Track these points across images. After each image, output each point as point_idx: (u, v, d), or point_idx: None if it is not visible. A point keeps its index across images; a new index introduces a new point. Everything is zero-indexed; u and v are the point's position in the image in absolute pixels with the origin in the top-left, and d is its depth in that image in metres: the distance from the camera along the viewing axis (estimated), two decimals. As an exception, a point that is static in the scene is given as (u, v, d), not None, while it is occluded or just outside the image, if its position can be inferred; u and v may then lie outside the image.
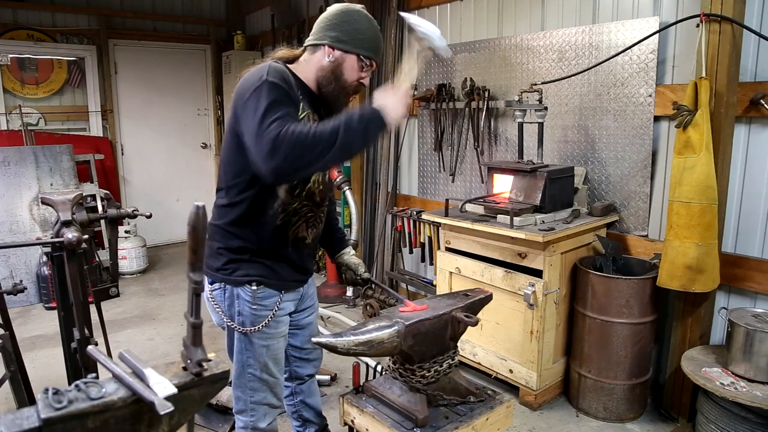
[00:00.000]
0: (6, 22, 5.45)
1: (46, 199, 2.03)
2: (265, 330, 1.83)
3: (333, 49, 1.73)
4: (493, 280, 2.98)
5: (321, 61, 1.75)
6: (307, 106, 1.75)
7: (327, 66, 1.75)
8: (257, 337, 1.83)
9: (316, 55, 1.77)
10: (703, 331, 2.71)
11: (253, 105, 1.55)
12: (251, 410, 1.91)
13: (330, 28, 1.74)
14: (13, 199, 4.75)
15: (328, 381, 3.25)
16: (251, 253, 1.79)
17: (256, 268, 1.80)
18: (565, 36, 3.24)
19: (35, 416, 0.83)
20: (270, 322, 1.83)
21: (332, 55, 1.74)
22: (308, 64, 1.78)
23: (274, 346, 1.88)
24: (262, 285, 1.81)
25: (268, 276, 1.82)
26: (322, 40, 1.75)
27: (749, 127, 2.62)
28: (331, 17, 1.76)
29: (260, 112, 1.52)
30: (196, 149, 6.83)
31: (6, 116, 5.52)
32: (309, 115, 1.75)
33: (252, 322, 1.81)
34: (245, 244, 1.79)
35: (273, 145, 1.46)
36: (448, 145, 4.05)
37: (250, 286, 1.79)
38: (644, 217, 3.02)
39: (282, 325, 1.90)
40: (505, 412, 1.91)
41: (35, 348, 3.82)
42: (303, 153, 1.48)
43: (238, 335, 1.84)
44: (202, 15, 6.72)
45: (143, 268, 5.63)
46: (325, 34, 1.75)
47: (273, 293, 1.84)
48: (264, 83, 1.57)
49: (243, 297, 1.80)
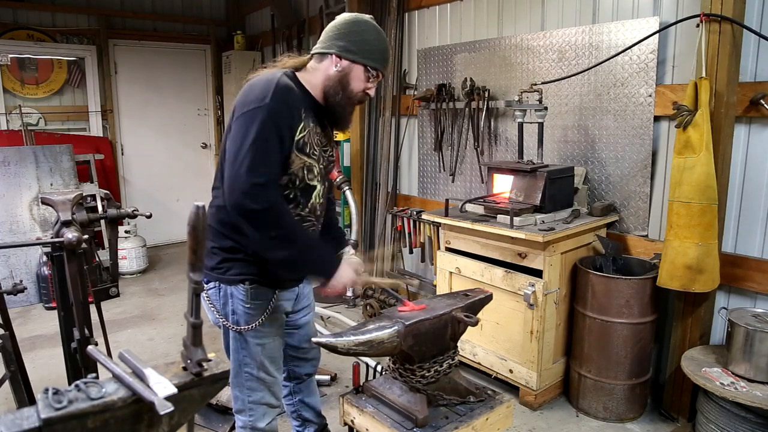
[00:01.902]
0: (6, 22, 5.46)
1: (46, 199, 2.03)
2: (260, 329, 1.83)
3: (341, 58, 1.74)
4: (493, 280, 2.98)
5: (328, 70, 1.76)
6: (311, 120, 1.76)
7: (334, 75, 1.75)
8: (252, 335, 1.83)
9: (323, 64, 1.77)
10: (703, 331, 2.71)
11: (245, 127, 1.61)
12: (250, 410, 1.91)
13: (338, 38, 1.74)
14: (13, 199, 4.75)
15: (328, 381, 3.25)
16: (244, 253, 1.80)
17: (249, 267, 1.80)
18: (565, 36, 3.24)
19: (35, 416, 0.83)
20: (264, 320, 1.83)
21: (339, 64, 1.74)
22: (315, 72, 1.78)
23: (270, 344, 1.88)
24: (256, 284, 1.81)
25: (262, 275, 1.82)
26: (329, 49, 1.75)
27: (749, 127, 2.61)
28: (340, 26, 1.76)
29: (248, 143, 1.59)
30: (196, 149, 6.84)
31: (6, 116, 5.52)
32: (310, 131, 1.75)
33: (246, 321, 1.82)
34: (237, 245, 1.79)
35: (242, 192, 1.57)
36: (448, 145, 4.05)
37: (243, 285, 1.80)
38: (644, 217, 3.02)
39: (277, 324, 1.90)
40: (505, 412, 1.91)
41: (35, 348, 3.82)
42: (260, 224, 1.61)
43: (234, 334, 1.85)
44: (202, 15, 6.73)
45: (143, 268, 5.63)
46: (334, 43, 1.75)
47: (267, 292, 1.84)
48: (263, 108, 1.60)
49: (237, 296, 1.80)
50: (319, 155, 1.81)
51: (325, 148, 1.87)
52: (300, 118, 1.70)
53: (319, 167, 1.82)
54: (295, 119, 1.67)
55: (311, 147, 1.76)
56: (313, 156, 1.78)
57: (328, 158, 1.90)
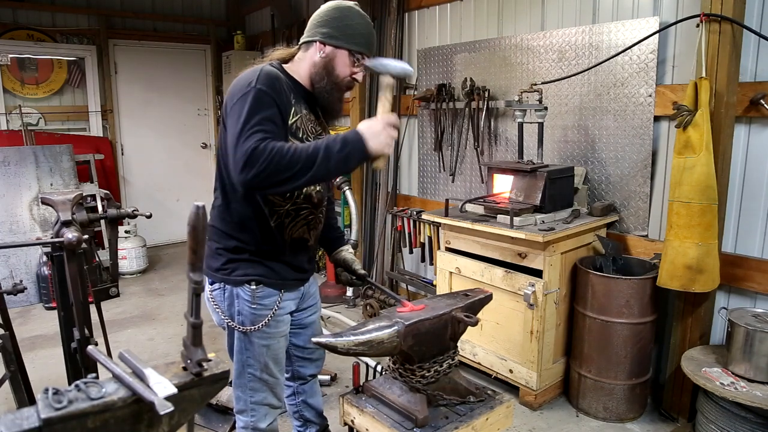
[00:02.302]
0: (6, 22, 5.45)
1: (46, 199, 2.03)
2: (265, 329, 1.83)
3: (324, 45, 1.75)
4: (493, 280, 2.98)
5: (313, 57, 1.77)
6: (302, 107, 1.76)
7: (319, 62, 1.76)
8: (257, 336, 1.83)
9: (309, 52, 1.79)
10: (703, 331, 2.71)
11: (237, 112, 1.58)
12: (251, 410, 1.91)
13: (321, 25, 1.76)
14: (13, 199, 4.75)
15: (328, 381, 3.25)
16: (249, 252, 1.80)
17: (254, 267, 1.80)
18: (565, 36, 3.24)
19: (35, 416, 0.82)
20: (270, 321, 1.83)
21: (323, 51, 1.75)
22: (302, 61, 1.80)
23: (275, 345, 1.88)
24: (261, 284, 1.81)
25: (267, 275, 1.82)
26: (313, 36, 1.77)
27: (749, 127, 2.61)
28: (322, 14, 1.78)
29: (242, 121, 1.54)
30: (196, 149, 6.83)
31: (6, 116, 5.52)
32: (302, 117, 1.75)
33: (252, 322, 1.81)
34: (242, 245, 1.79)
35: (248, 157, 1.47)
36: (448, 145, 4.05)
37: (249, 286, 1.79)
38: (644, 217, 3.02)
39: (282, 325, 1.89)
40: (505, 412, 1.91)
41: (35, 348, 3.82)
42: (278, 170, 1.48)
43: (238, 335, 1.84)
44: (202, 15, 6.73)
45: (143, 268, 5.63)
46: (317, 30, 1.77)
47: (272, 292, 1.84)
48: (251, 90, 1.59)
49: (242, 296, 1.80)
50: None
51: (320, 136, 1.86)
52: (290, 103, 1.70)
53: None
54: (284, 103, 1.66)
55: (305, 132, 1.76)
56: (308, 142, 1.77)
57: None
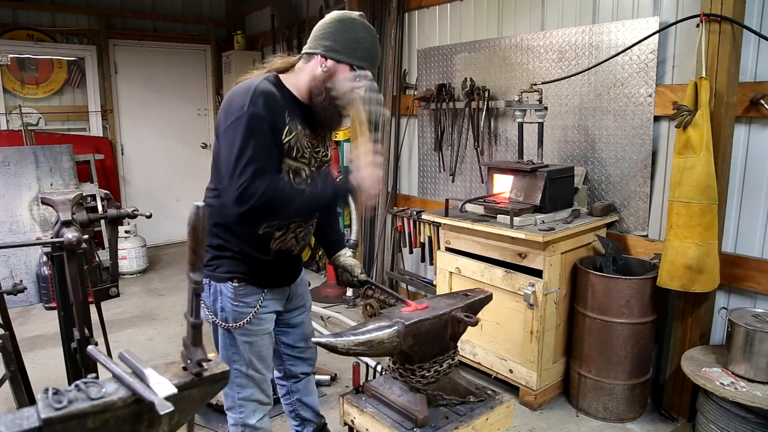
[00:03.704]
0: (6, 22, 5.45)
1: (46, 199, 2.03)
2: (248, 327, 1.84)
3: (326, 58, 1.71)
4: (493, 280, 2.98)
5: (314, 70, 1.73)
6: (297, 124, 1.73)
7: (320, 76, 1.72)
8: (240, 333, 1.84)
9: (309, 65, 1.74)
10: (703, 331, 2.71)
11: (230, 139, 1.60)
12: (240, 406, 1.92)
13: (324, 37, 1.72)
14: (13, 199, 4.75)
15: (328, 381, 3.25)
16: (232, 251, 1.81)
17: (238, 265, 1.82)
18: (565, 36, 3.24)
19: (35, 416, 0.82)
20: (252, 319, 1.84)
21: (325, 65, 1.71)
22: (302, 73, 1.76)
23: (258, 343, 1.89)
24: (244, 282, 1.82)
25: (250, 274, 1.83)
26: (315, 49, 1.73)
27: (749, 127, 2.61)
28: (326, 25, 1.74)
29: (235, 152, 1.58)
30: (196, 149, 6.83)
31: (6, 116, 5.52)
32: (298, 134, 1.73)
33: (234, 319, 1.83)
34: (226, 244, 1.81)
35: (241, 194, 1.56)
36: (448, 145, 4.05)
37: (232, 283, 1.81)
38: (644, 217, 3.02)
39: (265, 323, 1.90)
40: (505, 412, 1.91)
41: (35, 348, 3.82)
42: (271, 209, 1.60)
43: (222, 331, 1.86)
44: (202, 15, 6.73)
45: (143, 268, 5.63)
46: (319, 43, 1.72)
47: (255, 291, 1.85)
48: (243, 116, 1.59)
49: (225, 293, 1.82)
50: (309, 158, 1.80)
51: (317, 150, 1.86)
52: (284, 122, 1.68)
53: (309, 170, 1.81)
54: (278, 123, 1.65)
55: (299, 150, 1.75)
56: (302, 160, 1.77)
57: (321, 159, 1.89)
